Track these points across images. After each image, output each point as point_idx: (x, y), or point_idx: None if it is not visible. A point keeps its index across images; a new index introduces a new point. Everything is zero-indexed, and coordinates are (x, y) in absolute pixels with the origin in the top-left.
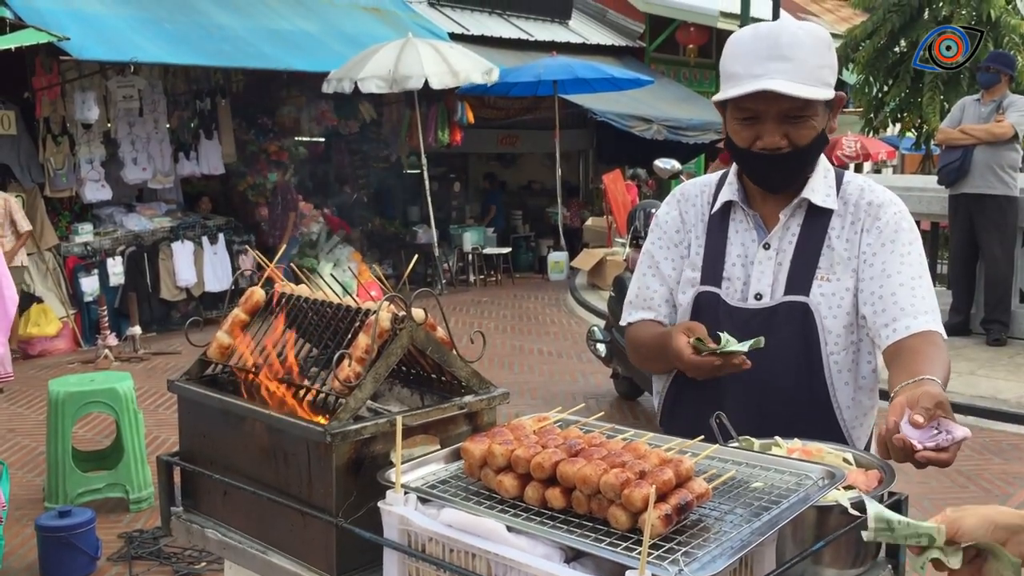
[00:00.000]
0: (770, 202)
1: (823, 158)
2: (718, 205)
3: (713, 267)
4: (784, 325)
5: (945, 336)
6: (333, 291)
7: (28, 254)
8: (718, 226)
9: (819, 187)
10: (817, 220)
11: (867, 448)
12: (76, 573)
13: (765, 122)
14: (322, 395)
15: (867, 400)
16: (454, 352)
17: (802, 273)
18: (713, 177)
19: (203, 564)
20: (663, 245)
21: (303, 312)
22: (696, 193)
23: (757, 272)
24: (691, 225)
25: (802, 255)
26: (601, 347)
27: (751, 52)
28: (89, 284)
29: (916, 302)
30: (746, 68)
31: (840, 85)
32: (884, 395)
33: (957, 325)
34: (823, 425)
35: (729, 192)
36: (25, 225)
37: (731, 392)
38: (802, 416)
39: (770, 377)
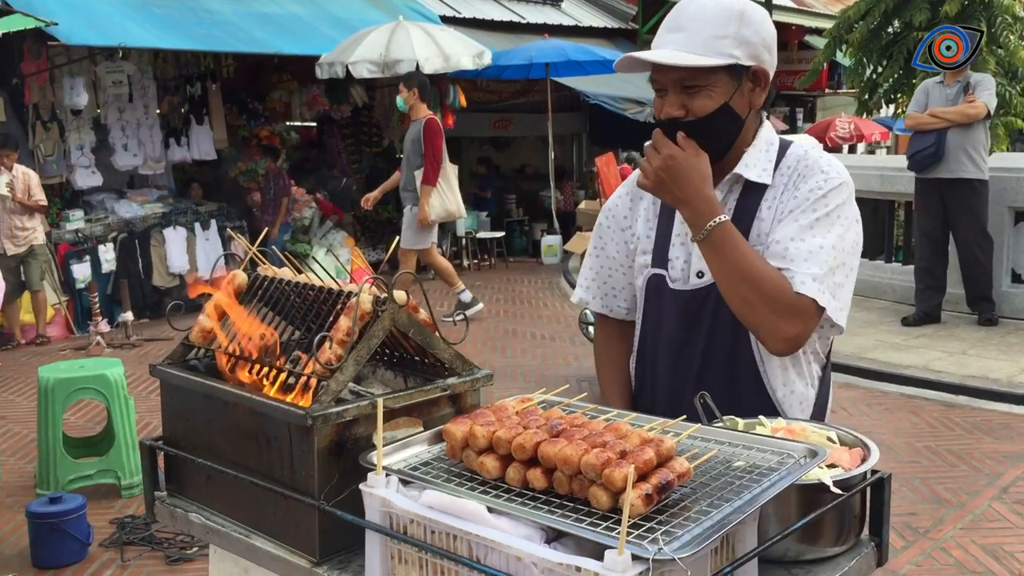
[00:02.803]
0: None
1: (768, 132)
2: None
3: (661, 249)
4: (720, 303)
5: (825, 307)
6: (316, 275)
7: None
8: (666, 207)
9: (756, 162)
10: (752, 196)
11: None
12: (67, 559)
13: (668, 93)
14: (303, 378)
15: (802, 387)
16: (437, 334)
17: None
18: None
19: (195, 549)
20: (610, 227)
21: (285, 295)
22: None
23: (697, 251)
24: (643, 208)
25: None
26: (593, 330)
27: (662, 25)
28: (81, 271)
29: (811, 259)
30: (655, 42)
31: (834, 66)
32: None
33: (935, 308)
34: (761, 405)
35: None
36: (42, 199)
37: (674, 368)
38: (741, 396)
39: (708, 355)
